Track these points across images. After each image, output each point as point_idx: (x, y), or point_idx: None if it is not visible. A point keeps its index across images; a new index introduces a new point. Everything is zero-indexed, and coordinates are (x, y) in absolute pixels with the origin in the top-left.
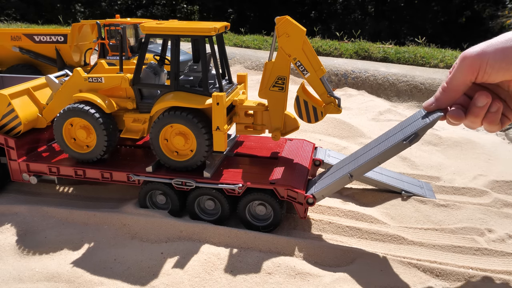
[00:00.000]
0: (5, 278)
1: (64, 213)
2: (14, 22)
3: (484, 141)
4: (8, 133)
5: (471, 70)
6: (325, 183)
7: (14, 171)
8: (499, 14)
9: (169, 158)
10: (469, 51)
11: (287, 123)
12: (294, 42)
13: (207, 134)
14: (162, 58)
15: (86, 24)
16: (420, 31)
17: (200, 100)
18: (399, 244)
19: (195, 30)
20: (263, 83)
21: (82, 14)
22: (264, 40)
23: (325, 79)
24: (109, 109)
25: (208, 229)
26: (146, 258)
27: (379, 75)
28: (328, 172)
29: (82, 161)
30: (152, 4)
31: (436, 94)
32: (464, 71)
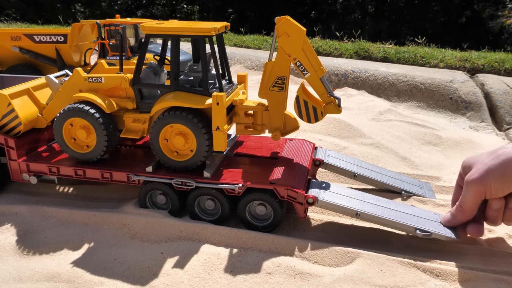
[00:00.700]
0: (5, 278)
1: (64, 213)
2: (14, 22)
3: (484, 141)
4: (8, 133)
5: (478, 194)
6: (334, 200)
7: (14, 171)
8: (499, 14)
9: (169, 158)
10: (472, 177)
11: (287, 123)
12: (294, 42)
13: (207, 134)
14: (162, 58)
15: (86, 24)
16: (420, 31)
17: (200, 100)
18: (399, 244)
19: (195, 30)
20: (263, 83)
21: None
22: (264, 40)
23: (325, 79)
24: (109, 109)
25: (208, 229)
26: (146, 258)
27: (379, 75)
28: (344, 189)
29: (82, 161)
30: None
31: (453, 212)
32: (473, 195)
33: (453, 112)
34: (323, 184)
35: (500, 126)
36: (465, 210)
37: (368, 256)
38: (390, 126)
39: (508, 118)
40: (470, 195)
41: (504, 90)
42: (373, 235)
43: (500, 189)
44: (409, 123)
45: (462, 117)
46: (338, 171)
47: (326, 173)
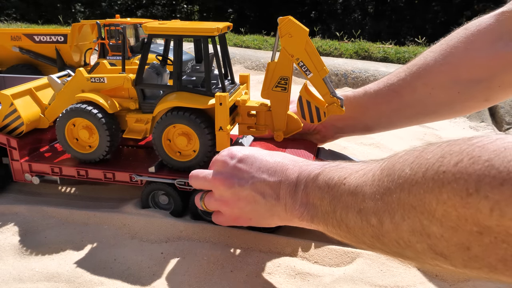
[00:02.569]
0: (5, 278)
1: (64, 213)
2: (14, 22)
3: None
4: (10, 134)
5: None
6: None
7: (16, 171)
8: None
9: (172, 158)
10: None
11: (289, 123)
12: (297, 43)
13: (210, 135)
14: (164, 58)
15: (86, 24)
16: (420, 31)
17: (202, 101)
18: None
19: (198, 31)
20: (265, 83)
21: (82, 14)
22: (264, 40)
23: (328, 80)
24: (112, 109)
25: (208, 229)
26: (146, 258)
27: (379, 75)
28: None
29: (85, 161)
30: (152, 4)
31: None
32: None
33: None
34: None
35: (500, 126)
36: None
37: (368, 256)
38: None
39: (508, 118)
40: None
41: None
42: None
43: None
44: None
45: (462, 117)
46: None
47: None
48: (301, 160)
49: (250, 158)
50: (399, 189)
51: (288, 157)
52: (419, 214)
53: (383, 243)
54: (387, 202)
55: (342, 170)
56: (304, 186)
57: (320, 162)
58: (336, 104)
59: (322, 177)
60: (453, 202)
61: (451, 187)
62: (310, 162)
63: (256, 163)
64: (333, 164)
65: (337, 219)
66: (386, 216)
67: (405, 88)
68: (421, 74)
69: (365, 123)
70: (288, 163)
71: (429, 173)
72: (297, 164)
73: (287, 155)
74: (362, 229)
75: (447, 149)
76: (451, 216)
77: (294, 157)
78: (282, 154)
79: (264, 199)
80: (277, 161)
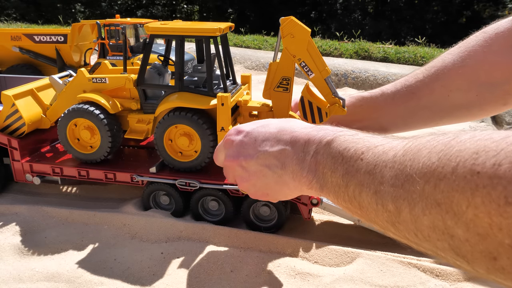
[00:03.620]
0: (5, 278)
1: (64, 213)
2: (14, 22)
3: None
4: (11, 134)
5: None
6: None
7: (17, 171)
8: (499, 14)
9: (173, 158)
10: None
11: None
12: (299, 43)
13: (212, 135)
14: (166, 58)
15: (86, 24)
16: (420, 31)
17: (204, 101)
18: (399, 244)
19: (200, 31)
20: (267, 84)
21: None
22: (264, 40)
23: (330, 80)
24: (113, 109)
25: (208, 229)
26: (146, 258)
27: (379, 75)
28: None
29: (86, 161)
30: (152, 4)
31: None
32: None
33: None
34: None
35: (500, 126)
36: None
37: (368, 256)
38: None
39: (508, 118)
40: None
41: None
42: (373, 235)
43: None
44: None
45: None
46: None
47: None
48: (310, 126)
49: (255, 131)
50: (424, 180)
51: (297, 123)
52: (443, 212)
53: (398, 230)
54: (408, 191)
55: (359, 142)
56: (314, 152)
57: (333, 128)
58: (338, 105)
59: (336, 146)
60: (487, 208)
61: (486, 192)
62: (322, 127)
63: (261, 135)
64: (348, 132)
65: (349, 195)
66: (405, 205)
67: (422, 90)
68: (439, 76)
69: (380, 124)
70: (295, 129)
71: (460, 170)
72: (305, 129)
73: (297, 122)
74: (377, 211)
75: (481, 144)
76: (482, 222)
77: (304, 123)
78: (292, 120)
79: (271, 171)
80: (283, 128)
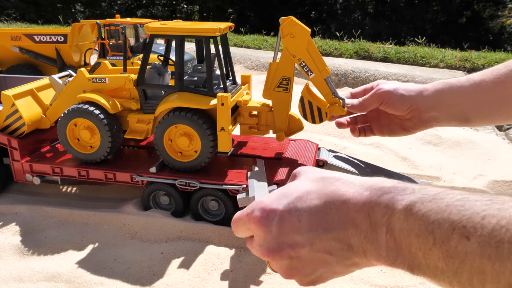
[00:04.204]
0: (5, 278)
1: (64, 213)
2: (14, 22)
3: (484, 141)
4: (11, 134)
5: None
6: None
7: (17, 171)
8: (499, 14)
9: (173, 158)
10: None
11: (291, 123)
12: (299, 43)
13: (212, 135)
14: (166, 58)
15: (86, 24)
16: (420, 31)
17: (204, 101)
18: None
19: (200, 31)
20: (267, 84)
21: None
22: (264, 40)
23: (330, 80)
24: (113, 109)
25: (208, 229)
26: (146, 258)
27: (379, 75)
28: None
29: (86, 161)
30: (152, 4)
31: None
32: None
33: None
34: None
35: (500, 126)
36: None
37: None
38: None
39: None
40: (373, 96)
41: None
42: None
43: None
44: None
45: None
46: (341, 172)
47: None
48: (362, 183)
49: (293, 210)
50: None
51: (342, 183)
52: None
53: None
54: None
55: (448, 208)
56: (388, 228)
57: (394, 185)
58: (338, 105)
59: (418, 219)
60: None
61: None
62: (378, 184)
63: (304, 214)
64: (421, 193)
65: (463, 284)
66: None
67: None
68: None
69: (464, 112)
70: (346, 194)
71: None
72: (359, 194)
73: (340, 179)
74: None
75: None
76: None
77: (349, 178)
78: (332, 178)
79: (333, 256)
80: (330, 196)
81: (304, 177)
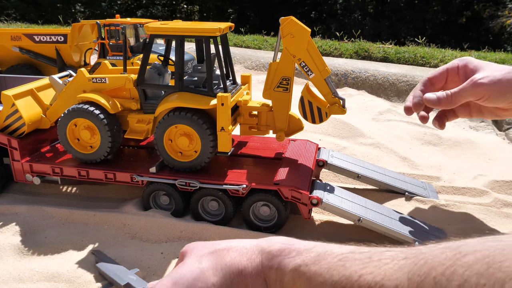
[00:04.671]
0: (5, 278)
1: (64, 213)
2: (14, 22)
3: (484, 141)
4: (11, 134)
5: (476, 96)
6: (337, 203)
7: (17, 171)
8: (499, 14)
9: (173, 158)
10: (482, 80)
11: (291, 123)
12: (299, 43)
13: (212, 135)
14: (166, 58)
15: (86, 24)
16: (420, 31)
17: (204, 101)
18: (399, 244)
19: (200, 31)
20: (267, 84)
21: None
22: (264, 40)
23: (330, 80)
24: (113, 109)
25: (208, 229)
26: (146, 258)
27: (379, 75)
28: (347, 193)
29: (86, 161)
30: (152, 4)
31: (440, 96)
32: (471, 95)
33: None
34: (327, 186)
35: (500, 126)
36: (453, 101)
37: None
38: (390, 126)
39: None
40: (470, 93)
41: None
42: (373, 235)
43: (494, 102)
44: (409, 123)
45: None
46: (342, 172)
47: (326, 173)
48: (249, 248)
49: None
50: None
51: (232, 255)
52: None
53: None
54: None
55: (330, 269)
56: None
57: (281, 247)
58: (338, 105)
59: (303, 282)
60: None
61: None
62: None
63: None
64: (307, 254)
65: None
66: None
67: None
68: None
69: None
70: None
71: None
72: (252, 261)
73: (224, 248)
74: None
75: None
76: None
77: (237, 247)
78: (219, 252)
79: None
80: (225, 271)
81: (194, 254)
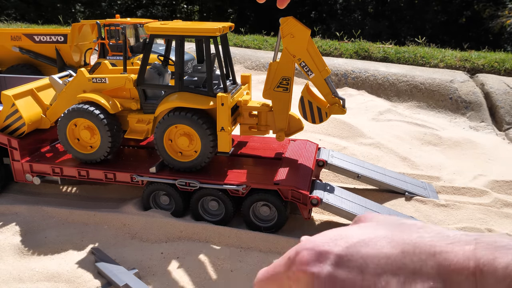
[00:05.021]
0: (5, 278)
1: (64, 213)
2: (14, 22)
3: (484, 141)
4: (12, 134)
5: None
6: (337, 203)
7: (17, 171)
8: (499, 14)
9: (173, 158)
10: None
11: (291, 123)
12: (299, 43)
13: (212, 135)
14: (166, 58)
15: (86, 24)
16: (420, 31)
17: (204, 101)
18: None
19: (200, 31)
20: (267, 84)
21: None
22: (264, 40)
23: (330, 80)
24: (113, 109)
25: (208, 229)
26: (146, 258)
27: (379, 75)
28: (346, 193)
29: (86, 161)
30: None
31: None
32: None
33: (453, 112)
34: (327, 186)
35: (500, 126)
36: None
37: None
38: (390, 126)
39: (508, 118)
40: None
41: (504, 90)
42: None
43: None
44: (409, 123)
45: (462, 117)
46: (342, 172)
47: (326, 173)
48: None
49: (356, 255)
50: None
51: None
52: None
53: None
54: None
55: None
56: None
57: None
58: (338, 105)
59: None
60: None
61: None
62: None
63: (371, 262)
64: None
65: None
66: None
67: None
68: None
69: None
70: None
71: None
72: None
73: (415, 223)
74: None
75: None
76: None
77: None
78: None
79: None
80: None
81: (375, 221)
